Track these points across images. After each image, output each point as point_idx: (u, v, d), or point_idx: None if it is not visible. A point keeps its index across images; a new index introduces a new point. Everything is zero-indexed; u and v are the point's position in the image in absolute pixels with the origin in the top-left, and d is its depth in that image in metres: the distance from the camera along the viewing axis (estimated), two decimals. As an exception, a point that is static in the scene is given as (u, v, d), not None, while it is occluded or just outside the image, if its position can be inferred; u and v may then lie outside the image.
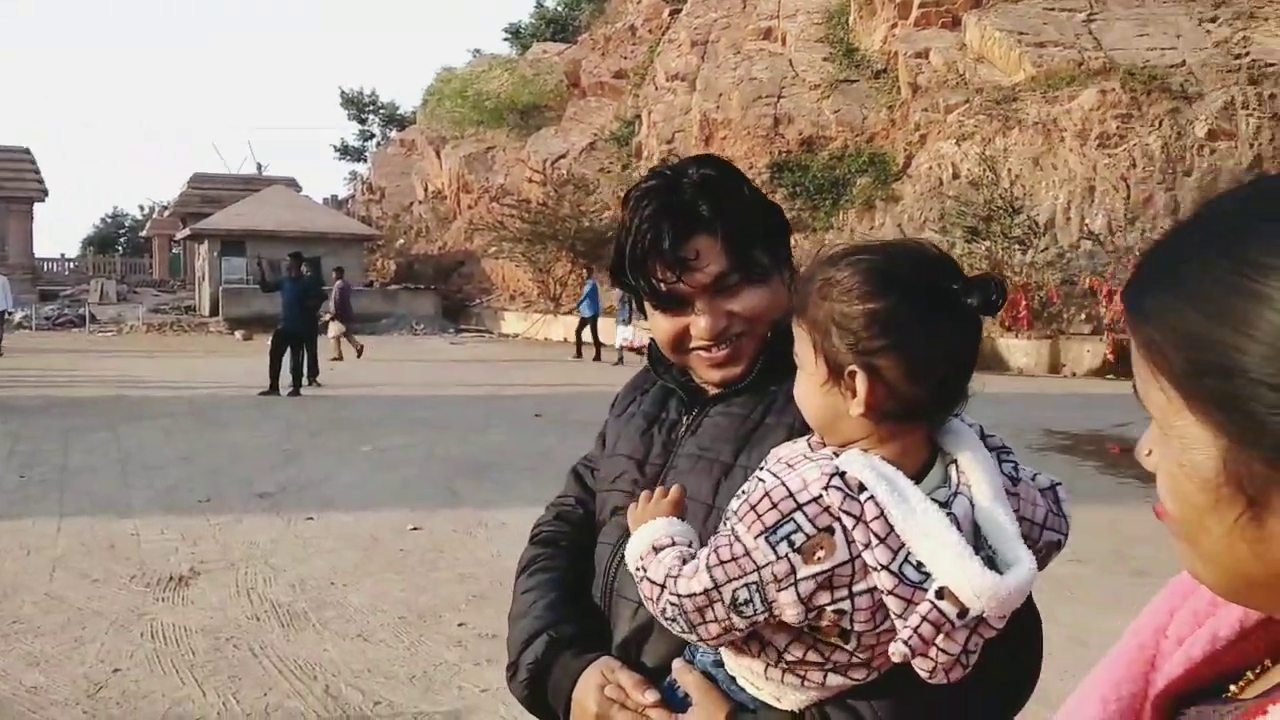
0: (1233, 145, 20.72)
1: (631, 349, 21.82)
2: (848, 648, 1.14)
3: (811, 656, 1.17)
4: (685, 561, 1.20)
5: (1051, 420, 12.79)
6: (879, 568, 1.06)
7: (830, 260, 1.18)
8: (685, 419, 1.54)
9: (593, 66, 40.70)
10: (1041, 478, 1.23)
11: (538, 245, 33.00)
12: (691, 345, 1.49)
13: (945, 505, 1.10)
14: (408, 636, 5.07)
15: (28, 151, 45.95)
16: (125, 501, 7.94)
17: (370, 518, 7.52)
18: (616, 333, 22.21)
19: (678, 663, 1.35)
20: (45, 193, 45.94)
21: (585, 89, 40.35)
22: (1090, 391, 15.99)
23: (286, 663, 4.69)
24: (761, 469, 1.22)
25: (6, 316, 24.71)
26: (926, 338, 1.11)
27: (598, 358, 22.71)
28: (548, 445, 10.96)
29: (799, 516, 1.08)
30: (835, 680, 1.19)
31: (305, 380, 16.34)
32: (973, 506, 1.12)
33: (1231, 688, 0.78)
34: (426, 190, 45.46)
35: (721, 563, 1.12)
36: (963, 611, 1.04)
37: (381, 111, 65.80)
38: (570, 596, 1.57)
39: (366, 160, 61.64)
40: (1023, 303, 19.72)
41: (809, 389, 1.19)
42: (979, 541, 1.10)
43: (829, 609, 1.09)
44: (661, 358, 1.60)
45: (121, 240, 76.60)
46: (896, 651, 1.07)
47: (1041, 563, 1.17)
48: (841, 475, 1.09)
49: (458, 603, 5.61)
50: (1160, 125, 21.28)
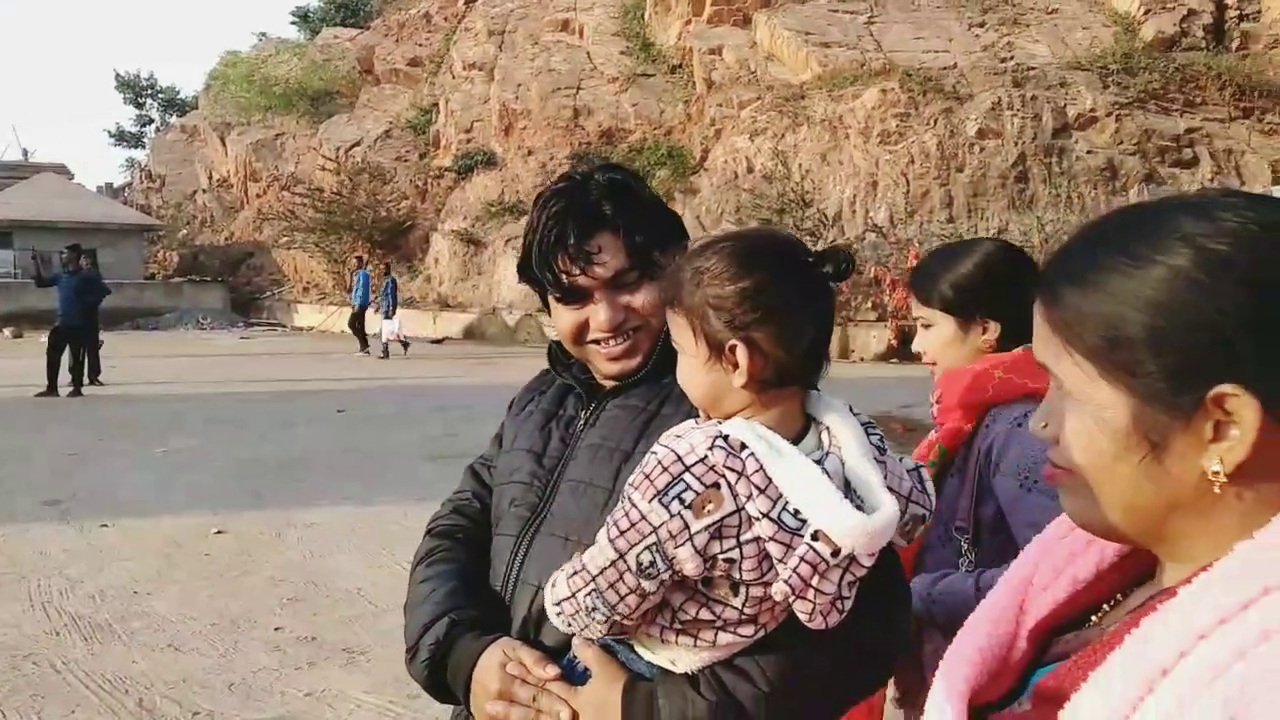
0: (1000, 143, 22.13)
1: (397, 341, 21.62)
2: (736, 603, 1.25)
3: (704, 615, 1.27)
4: (575, 561, 1.30)
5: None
6: (760, 516, 1.17)
7: (695, 253, 1.32)
8: (583, 414, 1.64)
9: (386, 53, 39.78)
10: (906, 460, 1.37)
11: (332, 235, 32.08)
12: (590, 338, 1.59)
13: (819, 463, 1.23)
14: (222, 644, 4.95)
15: None
16: (-108, 516, 7.37)
17: (170, 523, 7.24)
18: (381, 326, 21.88)
19: (577, 639, 1.42)
20: None
21: (379, 76, 39.40)
22: (877, 375, 16.82)
23: (93, 678, 4.50)
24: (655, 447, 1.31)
25: None
26: (794, 307, 1.26)
27: (364, 349, 22.30)
28: (353, 441, 10.77)
29: (688, 477, 1.19)
30: (725, 638, 1.30)
31: (86, 379, 15.45)
32: (842, 465, 1.25)
33: (1093, 617, 0.95)
34: (211, 178, 43.40)
35: (622, 532, 1.22)
36: (836, 551, 1.17)
37: (161, 96, 62.38)
38: (470, 585, 1.62)
39: (145, 147, 58.32)
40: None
41: (692, 370, 1.31)
42: (849, 493, 1.22)
43: (720, 558, 1.19)
44: (560, 357, 1.70)
45: None
46: (779, 591, 1.19)
47: (909, 536, 1.34)
48: (725, 437, 1.21)
49: (272, 607, 5.49)
50: (935, 124, 22.51)
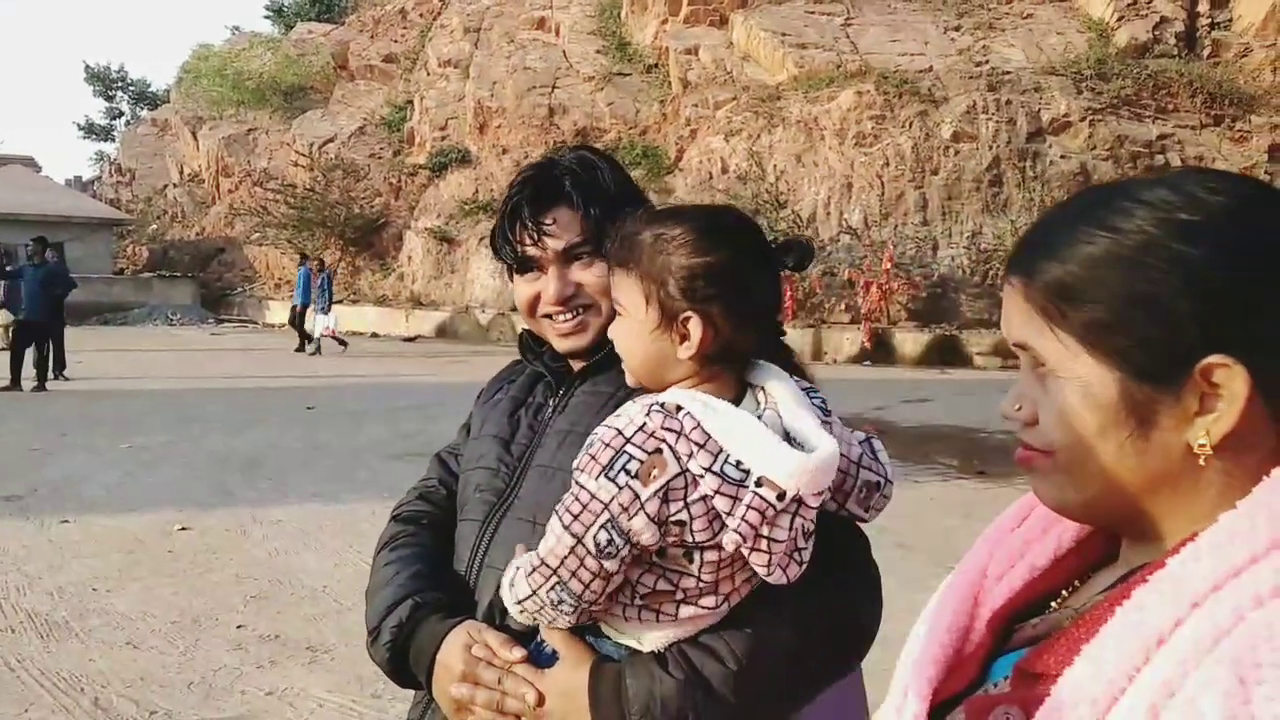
0: (974, 147, 22.24)
1: (331, 336, 21.46)
2: (693, 570, 1.24)
3: (663, 586, 1.27)
4: (534, 557, 1.28)
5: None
6: (703, 472, 1.17)
7: (657, 218, 1.32)
8: (552, 401, 1.64)
9: (361, 49, 39.54)
10: (857, 433, 1.38)
11: (305, 232, 31.81)
12: (542, 311, 1.60)
13: (757, 418, 1.24)
14: (182, 642, 4.85)
15: None
16: None
17: (133, 519, 7.11)
18: (316, 321, 21.73)
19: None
20: None
21: (354, 72, 39.15)
22: (850, 377, 16.85)
23: (48, 676, 4.40)
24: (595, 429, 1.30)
25: None
26: (753, 289, 1.28)
27: (301, 348, 22.13)
28: (322, 438, 10.66)
29: (630, 448, 1.19)
30: (688, 611, 1.29)
31: (51, 374, 15.24)
32: (780, 419, 1.25)
33: (1054, 603, 0.95)
34: (182, 173, 43.03)
35: (575, 516, 1.21)
36: (781, 494, 1.17)
37: (131, 89, 61.86)
38: (435, 569, 1.60)
39: (115, 140, 57.77)
40: (788, 293, 20.51)
41: (636, 335, 1.30)
42: (788, 442, 1.22)
43: (671, 522, 1.19)
44: (531, 345, 1.71)
45: None
46: (730, 540, 1.18)
47: (865, 504, 1.36)
48: (660, 404, 1.22)
49: (235, 604, 5.39)
50: (910, 127, 22.60)
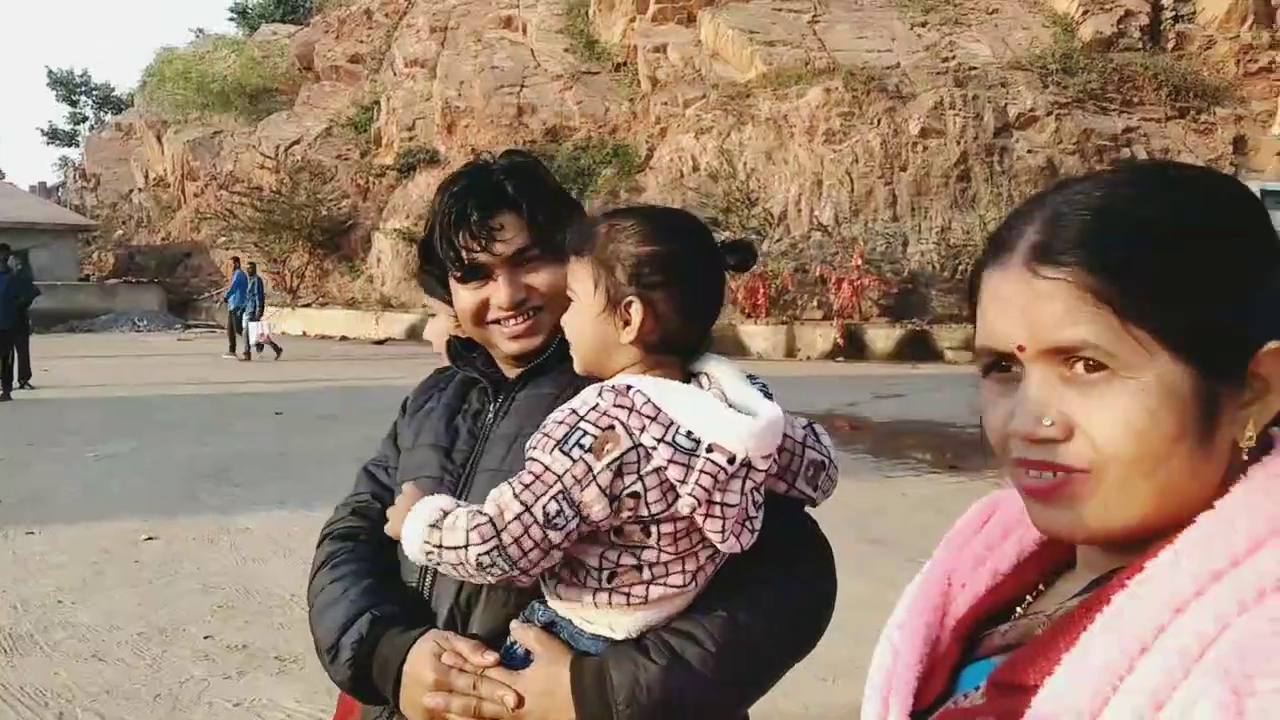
0: (942, 142, 22.33)
1: (267, 342, 21.32)
2: (651, 542, 1.29)
3: (627, 560, 1.31)
4: (478, 513, 1.28)
5: (790, 402, 13.03)
6: (656, 444, 1.23)
7: (615, 212, 1.40)
8: (492, 407, 1.62)
9: (327, 50, 39.26)
10: (799, 419, 1.47)
11: (272, 235, 31.53)
12: (490, 317, 1.58)
13: None
14: (149, 654, 4.76)
15: None
16: None
17: (100, 529, 7.00)
18: (248, 327, 21.56)
19: (515, 623, 1.41)
20: None
21: (319, 73, 38.87)
22: (823, 374, 16.89)
23: (11, 690, 4.31)
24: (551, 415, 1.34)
25: None
26: (695, 283, 1.34)
27: (232, 351, 21.92)
28: (291, 444, 10.55)
29: (584, 424, 1.25)
30: (657, 591, 1.32)
31: (16, 383, 15.03)
32: (724, 396, 1.31)
33: (1019, 609, 0.92)
34: (147, 178, 42.59)
35: (527, 486, 1.25)
36: (731, 458, 1.24)
37: (95, 93, 61.33)
38: (383, 583, 1.57)
39: (79, 145, 57.20)
40: (761, 291, 20.56)
41: (584, 319, 1.36)
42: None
43: (625, 495, 1.24)
44: (462, 351, 1.69)
45: None
46: (685, 505, 1.24)
47: (814, 483, 1.44)
48: (612, 385, 1.29)
49: (202, 615, 5.30)
50: (879, 123, 22.67)
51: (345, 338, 27.00)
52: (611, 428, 1.24)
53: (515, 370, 1.62)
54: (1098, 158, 22.11)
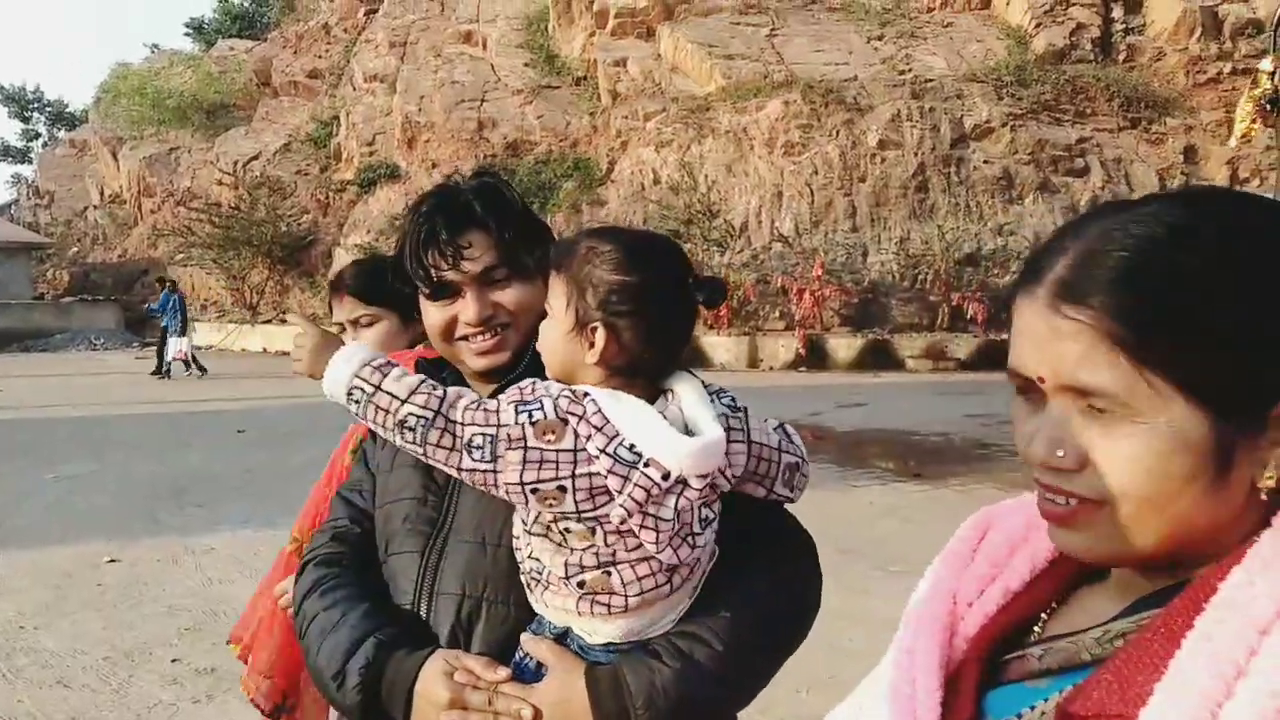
0: (900, 154, 22.57)
1: (182, 359, 21.14)
2: (599, 541, 1.32)
3: (588, 561, 1.33)
4: (434, 386, 1.37)
5: (755, 411, 13.47)
6: (598, 453, 1.28)
7: (595, 233, 1.43)
8: None
9: (285, 65, 39.06)
10: (770, 420, 1.50)
11: (231, 251, 31.29)
12: (459, 334, 1.61)
13: (660, 414, 1.33)
14: (115, 678, 4.71)
15: None
16: None
17: (60, 552, 6.91)
18: (170, 344, 21.37)
19: (526, 636, 1.43)
20: None
21: (277, 88, 38.66)
22: (786, 384, 16.98)
23: (-26, 720, 4.25)
24: None
25: None
26: (661, 314, 1.37)
27: (157, 370, 21.62)
28: (254, 462, 10.46)
29: (546, 402, 1.31)
30: (635, 600, 1.35)
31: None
32: (682, 414, 1.35)
33: (1036, 628, 0.91)
34: (103, 194, 42.12)
35: (477, 409, 1.33)
36: (666, 474, 1.28)
37: (48, 109, 60.56)
38: (380, 606, 1.57)
39: (32, 162, 56.45)
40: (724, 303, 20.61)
41: (555, 335, 1.40)
42: (687, 434, 1.32)
43: (552, 485, 1.28)
44: (431, 370, 1.67)
45: None
46: (615, 514, 1.28)
47: (790, 485, 1.50)
48: (571, 390, 1.34)
49: (169, 637, 5.25)
50: (837, 135, 22.87)
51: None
52: (564, 421, 1.29)
53: (485, 387, 1.63)
54: (1052, 167, 22.45)
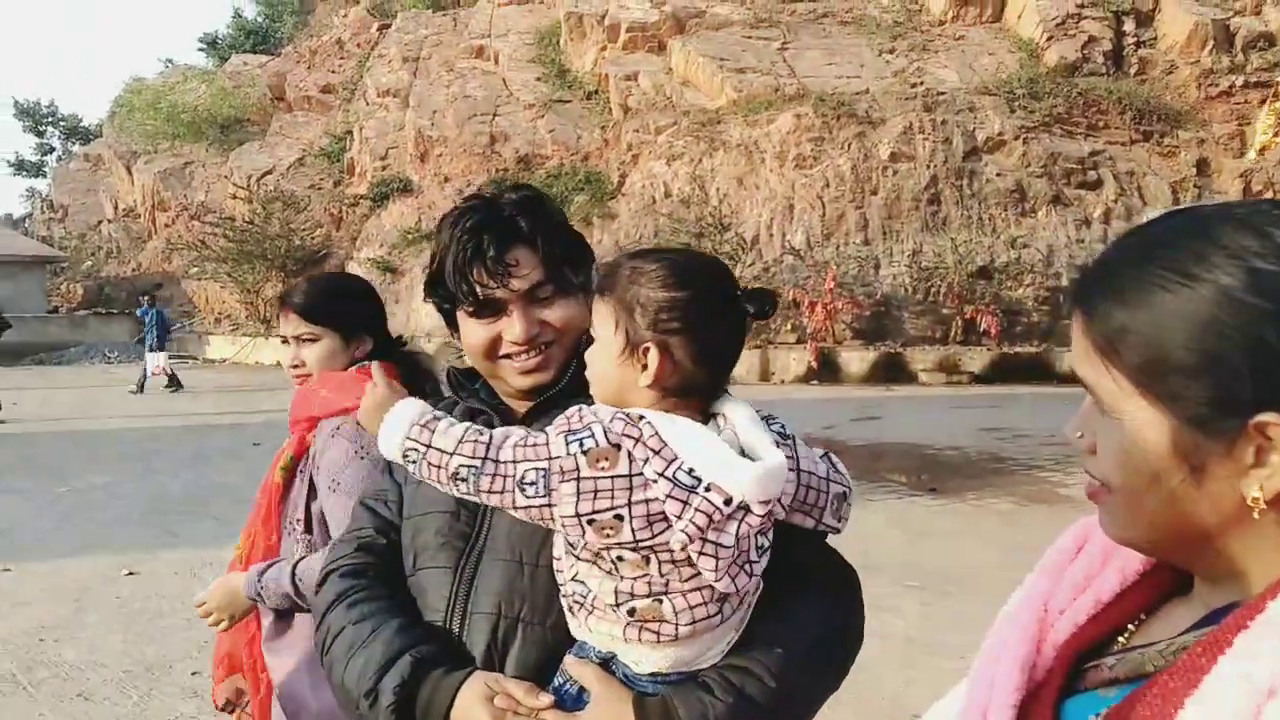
0: (912, 166, 22.56)
1: (163, 373, 20.98)
2: (654, 572, 1.28)
3: (639, 589, 1.29)
4: (480, 432, 1.35)
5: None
6: (656, 477, 1.24)
7: (638, 254, 1.40)
8: None
9: (298, 80, 39.25)
10: (816, 449, 1.46)
11: (245, 265, 31.34)
12: (503, 352, 1.57)
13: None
14: (136, 692, 4.74)
15: None
16: None
17: (77, 565, 6.95)
18: (146, 359, 21.27)
19: (570, 659, 1.39)
20: None
21: (291, 103, 38.84)
22: (798, 397, 16.97)
23: (-4, 732, 4.28)
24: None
25: None
26: (713, 329, 1.35)
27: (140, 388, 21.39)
28: (271, 476, 10.47)
29: (596, 429, 1.27)
30: (686, 629, 1.30)
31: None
32: (737, 437, 1.32)
33: (1121, 638, 0.93)
34: (117, 208, 42.32)
35: (527, 445, 1.30)
36: (728, 499, 1.24)
37: (63, 124, 60.93)
38: (413, 622, 1.53)
39: (47, 176, 56.81)
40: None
41: (605, 361, 1.37)
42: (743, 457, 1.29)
43: (609, 514, 1.25)
44: (464, 383, 1.66)
45: None
46: (677, 540, 1.24)
47: (835, 515, 1.45)
48: (626, 413, 1.30)
49: (189, 650, 5.28)
50: (849, 148, 22.87)
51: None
52: (617, 447, 1.26)
53: (521, 403, 1.60)
54: (1065, 180, 22.40)
